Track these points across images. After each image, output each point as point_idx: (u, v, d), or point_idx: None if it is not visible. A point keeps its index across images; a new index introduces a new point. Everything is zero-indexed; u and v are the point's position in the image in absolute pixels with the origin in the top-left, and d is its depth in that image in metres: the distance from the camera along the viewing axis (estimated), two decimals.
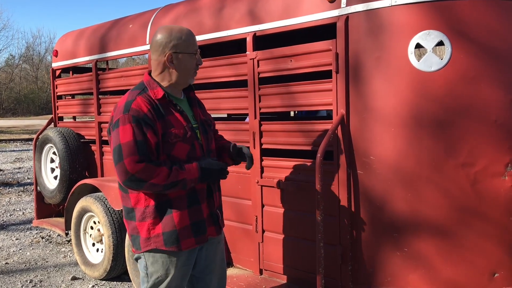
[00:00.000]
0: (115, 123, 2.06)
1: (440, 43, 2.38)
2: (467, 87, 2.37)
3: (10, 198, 7.42)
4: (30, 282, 3.95)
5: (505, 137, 2.38)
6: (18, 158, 12.23)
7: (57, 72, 4.99)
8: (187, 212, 2.12)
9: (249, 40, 3.04)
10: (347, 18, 2.57)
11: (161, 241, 2.09)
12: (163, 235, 2.09)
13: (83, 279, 3.99)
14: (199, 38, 3.33)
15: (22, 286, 3.87)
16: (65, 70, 5.00)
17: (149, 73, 2.22)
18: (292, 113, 5.82)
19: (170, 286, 2.16)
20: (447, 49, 2.37)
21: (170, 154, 2.09)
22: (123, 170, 1.99)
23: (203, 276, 2.30)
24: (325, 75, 2.73)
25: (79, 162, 4.38)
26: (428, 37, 2.38)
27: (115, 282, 3.88)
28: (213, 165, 2.17)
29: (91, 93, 4.43)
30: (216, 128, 2.55)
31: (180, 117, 2.14)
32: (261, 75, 3.01)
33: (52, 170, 4.72)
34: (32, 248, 4.88)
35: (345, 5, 2.58)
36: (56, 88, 4.94)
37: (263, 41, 3.16)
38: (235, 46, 3.48)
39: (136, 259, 2.23)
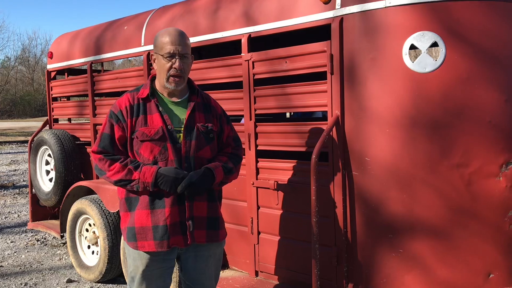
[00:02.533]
0: None
1: (435, 44, 2.39)
2: (461, 88, 2.38)
3: (5, 201, 7.39)
4: (25, 285, 3.93)
5: (499, 138, 2.38)
6: (14, 160, 12.18)
7: (52, 74, 4.97)
8: (150, 213, 2.13)
9: (244, 42, 3.04)
10: (341, 19, 2.57)
11: (125, 235, 2.19)
12: (126, 229, 2.18)
13: (79, 282, 3.97)
14: (194, 39, 3.33)
15: None
16: (61, 72, 4.98)
17: (154, 75, 2.30)
18: (288, 115, 5.82)
19: (142, 284, 2.18)
20: (441, 50, 2.38)
21: (138, 151, 2.16)
22: (92, 157, 2.22)
23: (194, 287, 2.30)
24: (320, 76, 2.73)
25: (74, 164, 4.36)
26: (423, 38, 2.39)
27: (110, 284, 3.87)
28: (170, 173, 2.08)
29: (86, 95, 4.42)
30: (227, 142, 2.36)
31: (158, 118, 2.16)
32: (256, 77, 3.01)
33: (47, 172, 4.70)
34: (27, 251, 4.86)
35: (339, 7, 2.58)
36: (51, 90, 4.92)
37: (258, 43, 3.16)
38: (231, 48, 3.47)
39: None
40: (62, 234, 4.33)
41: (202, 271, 2.26)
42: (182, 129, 2.18)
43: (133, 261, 2.19)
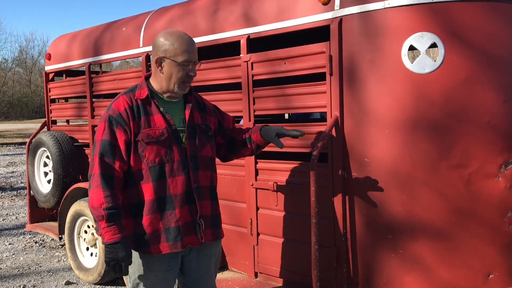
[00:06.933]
0: (100, 119, 2.18)
1: (433, 45, 2.39)
2: (460, 88, 2.38)
3: (3, 203, 7.37)
4: (23, 287, 3.91)
5: (498, 139, 2.38)
6: (11, 162, 12.15)
7: (50, 76, 4.96)
8: (159, 216, 2.10)
9: (243, 43, 3.04)
10: (340, 20, 2.57)
11: (132, 243, 2.11)
12: (133, 236, 2.11)
13: (77, 284, 3.96)
14: None
15: None
16: (59, 73, 4.97)
17: (147, 75, 2.27)
18: (286, 116, 5.82)
19: None
20: (440, 51, 2.38)
21: (142, 154, 2.10)
22: (92, 165, 2.10)
23: (196, 287, 2.29)
24: (319, 77, 2.73)
25: (73, 166, 4.35)
26: (421, 39, 2.39)
27: (109, 286, 3.86)
28: (122, 254, 2.02)
29: (85, 97, 4.41)
30: (233, 125, 2.48)
31: (161, 119, 2.14)
32: (255, 78, 3.01)
33: (46, 174, 4.69)
34: (26, 253, 4.85)
35: (338, 8, 2.59)
36: (49, 91, 4.91)
37: (257, 44, 3.16)
38: (230, 49, 3.47)
39: None
40: (60, 236, 4.31)
41: (204, 271, 2.25)
42: (185, 128, 2.19)
43: (138, 268, 2.13)
